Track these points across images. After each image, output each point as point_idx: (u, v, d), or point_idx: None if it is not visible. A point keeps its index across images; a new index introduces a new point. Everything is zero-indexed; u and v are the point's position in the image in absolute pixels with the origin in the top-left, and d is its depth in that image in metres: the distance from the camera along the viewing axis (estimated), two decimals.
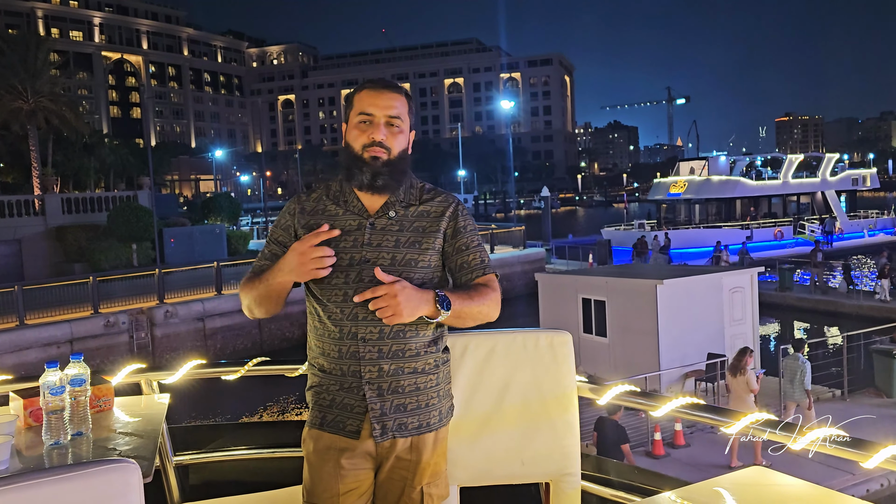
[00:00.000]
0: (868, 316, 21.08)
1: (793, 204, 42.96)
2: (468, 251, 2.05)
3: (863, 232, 41.48)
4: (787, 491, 1.63)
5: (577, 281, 16.52)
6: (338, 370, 2.00)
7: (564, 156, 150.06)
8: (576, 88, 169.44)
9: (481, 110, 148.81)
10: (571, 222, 72.61)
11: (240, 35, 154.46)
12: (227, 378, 2.56)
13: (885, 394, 13.33)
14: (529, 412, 2.11)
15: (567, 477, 2.11)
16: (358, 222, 2.02)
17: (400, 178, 2.04)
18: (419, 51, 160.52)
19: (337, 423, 2.00)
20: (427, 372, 2.01)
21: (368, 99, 2.02)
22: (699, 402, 1.92)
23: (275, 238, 2.12)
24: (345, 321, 1.98)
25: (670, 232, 36.77)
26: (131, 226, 28.93)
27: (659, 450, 11.20)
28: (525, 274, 29.18)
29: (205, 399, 12.17)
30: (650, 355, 14.19)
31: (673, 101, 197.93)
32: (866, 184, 45.64)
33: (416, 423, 1.99)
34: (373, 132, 2.00)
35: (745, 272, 16.07)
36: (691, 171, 43.19)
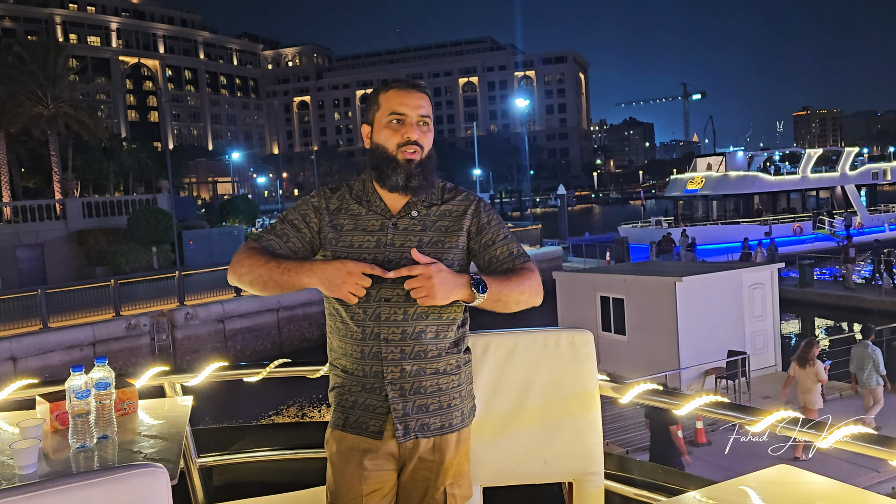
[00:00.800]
0: (892, 311, 20.80)
1: (812, 199, 42.50)
2: (495, 246, 2.05)
3: (884, 226, 40.92)
4: (813, 489, 1.62)
5: (596, 279, 16.45)
6: (360, 371, 2.00)
7: (580, 153, 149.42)
8: (591, 85, 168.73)
9: (496, 109, 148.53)
10: (588, 220, 72.29)
11: (255, 38, 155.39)
12: (248, 380, 2.58)
13: None
14: (551, 411, 2.11)
15: (590, 476, 2.10)
16: (381, 222, 2.02)
17: (431, 178, 2.05)
18: (433, 50, 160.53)
19: (360, 424, 2.01)
20: (449, 373, 2.01)
21: (398, 98, 2.01)
22: (723, 401, 1.90)
23: (290, 219, 2.09)
24: (367, 322, 1.97)
25: (691, 229, 36.51)
26: (151, 229, 29.21)
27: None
28: (542, 272, 28.96)
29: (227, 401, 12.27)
30: (670, 353, 14.09)
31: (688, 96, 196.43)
32: (887, 177, 45.03)
33: (438, 424, 1.99)
34: (407, 132, 2.00)
35: (765, 268, 15.92)
36: (708, 168, 42.83)
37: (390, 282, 1.95)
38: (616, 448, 11.36)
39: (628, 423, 12.13)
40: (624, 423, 12.14)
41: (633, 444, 11.54)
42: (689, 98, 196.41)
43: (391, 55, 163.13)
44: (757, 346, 14.65)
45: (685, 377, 13.76)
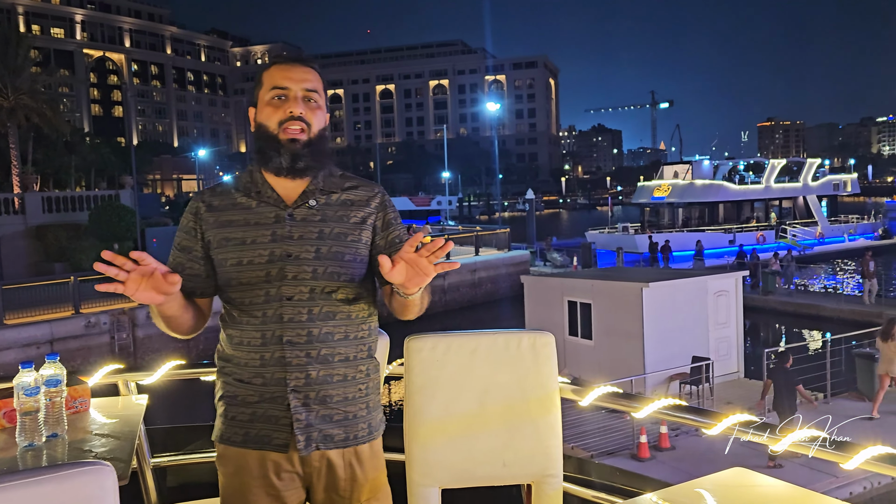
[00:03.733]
0: (850, 319, 21.30)
1: (775, 208, 43.36)
2: (402, 244, 1.90)
3: (843, 237, 41.94)
4: (767, 492, 1.64)
5: (563, 283, 16.56)
6: (259, 379, 1.84)
7: (549, 158, 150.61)
8: (560, 91, 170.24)
9: (466, 112, 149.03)
10: (556, 225, 72.84)
11: (223, 34, 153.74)
12: (206, 379, 2.53)
13: (867, 397, 13.45)
14: (512, 413, 2.10)
15: (549, 478, 2.09)
16: (275, 214, 1.85)
17: (321, 160, 1.87)
18: (404, 52, 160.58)
19: (262, 438, 1.84)
20: (357, 381, 1.89)
21: (281, 72, 1.86)
22: (681, 404, 1.92)
23: (178, 244, 1.93)
24: (268, 324, 1.82)
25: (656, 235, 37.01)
26: (113, 225, 28.71)
27: (644, 452, 11.24)
28: (510, 276, 29.23)
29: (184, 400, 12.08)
30: (635, 358, 14.24)
31: (656, 104, 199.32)
32: (847, 189, 46.19)
33: (342, 435, 1.86)
34: (290, 106, 1.83)
35: (729, 276, 16.20)
36: (675, 175, 43.50)
37: (291, 278, 1.81)
38: (581, 452, 11.43)
39: (593, 427, 12.23)
40: (588, 427, 12.24)
41: (597, 448, 11.64)
42: (657, 106, 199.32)
43: (362, 55, 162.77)
44: (721, 353, 14.88)
45: (650, 382, 13.92)
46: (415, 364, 2.11)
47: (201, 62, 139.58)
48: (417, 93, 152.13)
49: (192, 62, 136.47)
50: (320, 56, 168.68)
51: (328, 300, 1.84)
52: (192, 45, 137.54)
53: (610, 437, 11.99)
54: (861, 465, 1.51)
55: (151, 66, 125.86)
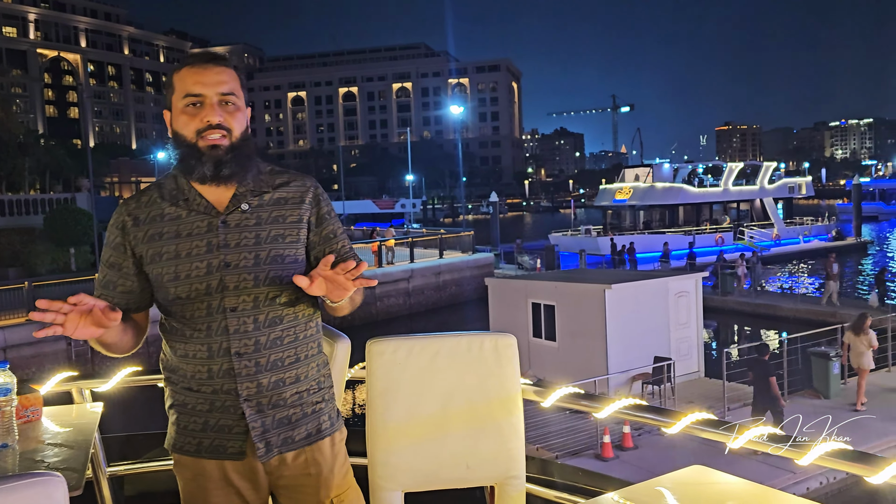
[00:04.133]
0: (805, 319, 21.81)
1: (733, 210, 44.25)
2: (336, 239, 1.88)
3: (798, 238, 42.98)
4: (725, 489, 1.66)
5: (527, 286, 16.66)
6: (209, 388, 1.78)
7: (512, 161, 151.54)
8: (523, 95, 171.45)
9: (430, 115, 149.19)
10: (519, 227, 73.29)
11: (183, 35, 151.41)
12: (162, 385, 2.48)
13: (823, 395, 13.79)
14: (474, 415, 2.10)
15: (512, 480, 2.09)
16: (207, 222, 1.76)
17: (247, 163, 1.78)
18: (367, 54, 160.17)
19: (216, 448, 1.79)
20: (310, 378, 1.86)
21: (193, 77, 1.74)
22: (641, 403, 1.94)
23: (106, 261, 1.83)
24: (213, 337, 1.75)
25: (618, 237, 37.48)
26: (69, 229, 28.05)
27: (608, 452, 11.36)
28: (474, 279, 29.31)
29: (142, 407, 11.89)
30: (598, 359, 14.39)
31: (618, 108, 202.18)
32: (802, 192, 47.35)
33: (303, 434, 1.83)
34: (206, 115, 1.73)
35: (689, 277, 16.48)
36: (636, 178, 44.13)
37: (233, 288, 1.74)
38: (545, 453, 11.50)
39: (558, 428, 12.31)
40: (553, 428, 12.32)
41: (561, 449, 11.72)
42: (619, 110, 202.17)
43: (324, 57, 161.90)
44: (681, 353, 15.12)
45: (613, 382, 14.07)
46: (376, 367, 2.09)
47: (160, 63, 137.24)
48: (381, 95, 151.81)
49: (151, 63, 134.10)
50: (282, 58, 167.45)
51: (273, 305, 1.79)
52: (150, 46, 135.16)
53: (574, 438, 12.09)
54: (815, 461, 1.55)
55: (108, 66, 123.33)
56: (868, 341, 13.35)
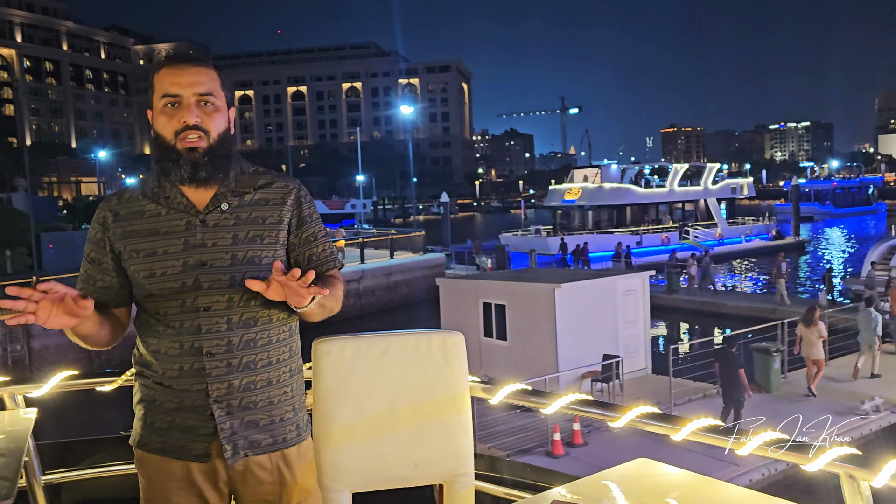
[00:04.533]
0: (747, 316, 22.44)
1: (678, 211, 45.29)
2: (316, 242, 1.88)
3: (741, 238, 44.24)
4: (668, 480, 1.70)
5: (478, 285, 16.74)
6: (179, 386, 1.78)
7: (462, 162, 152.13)
8: (473, 96, 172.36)
9: (380, 115, 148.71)
10: (470, 228, 73.61)
11: (125, 31, 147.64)
12: (102, 389, 2.40)
13: (764, 389, 14.21)
14: (423, 414, 2.09)
15: (460, 477, 2.09)
16: (186, 221, 1.76)
17: (225, 164, 1.77)
18: (316, 53, 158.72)
19: (180, 448, 1.79)
20: (282, 383, 1.85)
21: (170, 77, 1.73)
22: (588, 399, 1.96)
23: (87, 255, 1.83)
24: (185, 336, 1.75)
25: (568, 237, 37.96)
26: (4, 230, 27.05)
27: (558, 449, 11.49)
28: (425, 279, 29.31)
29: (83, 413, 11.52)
30: (549, 357, 14.55)
31: (566, 110, 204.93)
32: (743, 192, 48.76)
33: (269, 440, 1.82)
34: (183, 115, 1.72)
35: (637, 276, 16.78)
36: (585, 179, 44.78)
37: (207, 287, 1.74)
38: (497, 452, 11.56)
39: (508, 427, 12.40)
40: (504, 427, 12.40)
41: (513, 447, 11.81)
42: (567, 112, 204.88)
43: (272, 56, 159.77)
44: (630, 350, 15.39)
45: (563, 380, 14.23)
46: (323, 367, 2.06)
47: (101, 59, 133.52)
48: (330, 95, 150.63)
49: (91, 59, 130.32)
50: (229, 56, 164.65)
51: (247, 307, 1.78)
52: (90, 42, 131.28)
53: (525, 436, 12.20)
54: (754, 451, 1.59)
55: (46, 62, 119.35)
56: (818, 332, 13.99)
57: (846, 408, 13.15)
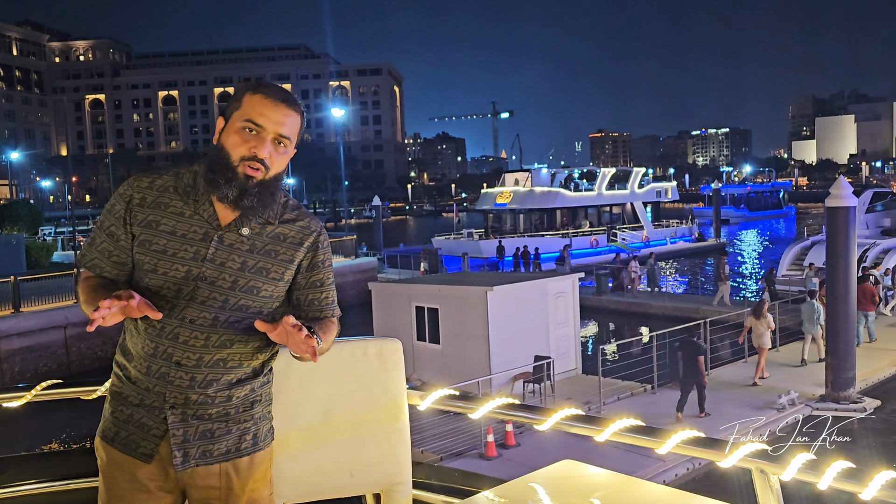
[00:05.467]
0: (672, 315, 23.19)
1: (606, 214, 46.42)
2: (322, 288, 1.91)
3: (666, 240, 45.67)
4: (592, 481, 1.76)
5: (411, 289, 16.75)
6: (143, 384, 1.80)
7: (395, 165, 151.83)
8: (405, 99, 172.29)
9: (310, 118, 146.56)
10: (402, 231, 73.53)
11: (39, 26, 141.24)
12: (9, 405, 2.30)
13: None
14: (359, 422, 2.08)
15: (398, 486, 2.09)
16: (204, 231, 1.77)
17: (268, 201, 1.80)
18: (244, 54, 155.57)
19: (129, 443, 1.81)
20: (241, 399, 1.85)
21: (261, 107, 1.75)
22: (514, 402, 2.00)
23: (106, 228, 1.82)
24: (162, 339, 1.77)
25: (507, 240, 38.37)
26: None
27: (491, 451, 11.59)
28: (357, 283, 29.10)
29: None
30: (482, 360, 14.67)
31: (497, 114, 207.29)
32: (668, 196, 50.36)
33: (223, 449, 1.83)
34: (257, 146, 1.74)
35: (567, 278, 17.12)
36: (516, 183, 45.42)
37: (200, 302, 1.76)
38: (430, 455, 11.59)
39: (442, 429, 12.44)
40: (438, 430, 12.44)
41: (446, 450, 11.86)
42: (498, 116, 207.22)
43: (198, 56, 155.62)
44: (560, 351, 15.68)
45: (496, 382, 14.39)
46: None
47: (13, 56, 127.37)
48: None
49: (2, 56, 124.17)
50: (152, 55, 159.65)
51: (228, 330, 1.79)
52: (1, 38, 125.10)
53: (459, 439, 12.27)
54: (672, 449, 1.66)
55: None
56: (767, 323, 15.24)
57: (764, 402, 13.76)
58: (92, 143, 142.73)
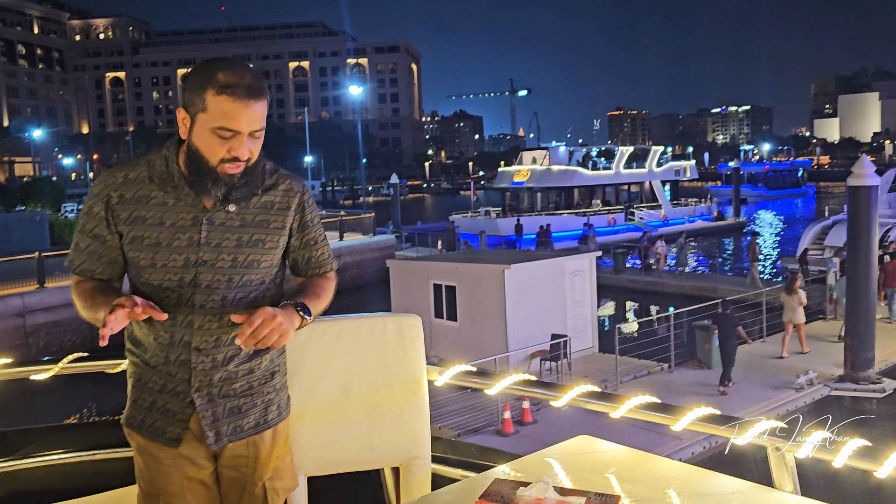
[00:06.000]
0: (689, 295, 23.07)
1: (624, 192, 46.07)
2: (316, 246, 1.94)
3: (684, 219, 45.29)
4: (608, 456, 1.78)
5: (429, 267, 16.79)
6: (164, 371, 1.82)
7: (412, 143, 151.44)
8: (423, 77, 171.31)
9: (328, 95, 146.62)
10: (420, 209, 73.50)
11: (60, 4, 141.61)
12: (37, 377, 2.35)
13: (706, 365, 14.67)
14: (378, 397, 2.11)
15: (417, 460, 2.11)
16: (193, 216, 1.75)
17: (256, 180, 1.79)
18: (262, 31, 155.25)
19: (156, 429, 1.83)
20: (262, 369, 1.89)
21: (232, 111, 1.67)
22: (530, 379, 2.02)
23: (89, 231, 1.80)
24: (177, 328, 1.77)
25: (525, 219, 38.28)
26: None
27: (508, 428, 11.67)
28: (375, 261, 29.21)
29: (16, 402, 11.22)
30: (499, 338, 14.72)
31: (515, 92, 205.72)
32: (686, 174, 49.85)
33: (252, 423, 1.87)
34: (236, 149, 1.70)
35: (584, 256, 17.07)
36: (533, 161, 45.15)
37: (205, 286, 1.76)
38: (448, 431, 11.70)
39: (460, 406, 12.54)
40: (456, 406, 12.54)
41: (464, 426, 11.96)
42: (516, 94, 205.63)
43: (216, 34, 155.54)
44: (577, 330, 15.68)
45: (512, 360, 14.43)
46: None
47: (34, 34, 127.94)
48: (277, 74, 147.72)
49: (23, 34, 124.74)
50: (170, 33, 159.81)
51: (239, 307, 1.80)
52: (22, 16, 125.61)
53: (477, 415, 12.36)
54: (688, 426, 1.68)
55: None
56: (799, 299, 15.28)
57: (783, 381, 13.71)
58: (113, 121, 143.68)
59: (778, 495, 1.58)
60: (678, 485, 1.64)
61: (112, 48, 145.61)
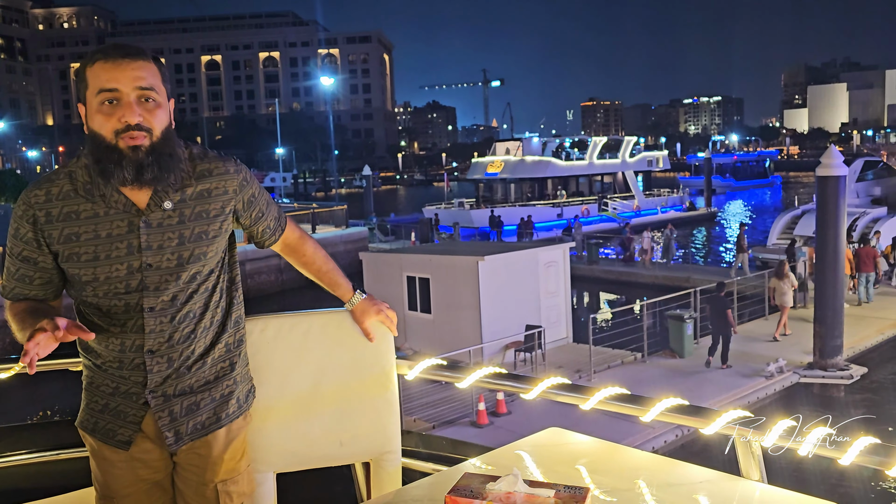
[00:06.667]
0: (662, 285, 23.33)
1: (597, 183, 46.40)
2: (267, 215, 1.93)
3: (657, 209, 45.75)
4: (577, 448, 1.79)
5: (402, 259, 16.77)
6: (117, 375, 1.77)
7: (385, 134, 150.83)
8: (395, 67, 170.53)
9: (299, 86, 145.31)
10: (393, 201, 73.31)
11: None
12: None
13: (678, 354, 14.85)
14: (348, 392, 2.09)
15: (388, 455, 2.10)
16: (128, 222, 1.67)
17: (171, 163, 1.67)
18: (231, 21, 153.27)
19: (107, 432, 1.78)
20: (219, 359, 1.85)
21: (106, 73, 1.61)
22: (501, 371, 2.02)
23: (17, 254, 1.72)
24: (128, 334, 1.73)
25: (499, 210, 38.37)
26: None
27: (482, 419, 11.72)
28: (348, 253, 29.07)
29: None
30: (473, 329, 14.76)
31: (488, 83, 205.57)
32: (659, 165, 50.36)
33: (213, 419, 1.83)
34: (124, 114, 1.61)
35: (557, 247, 17.16)
36: (507, 152, 45.27)
37: (153, 289, 1.71)
38: (422, 423, 11.72)
39: (435, 398, 12.56)
40: (431, 398, 12.56)
41: (438, 418, 11.98)
42: (489, 84, 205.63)
43: (184, 23, 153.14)
44: (551, 320, 15.78)
45: (487, 351, 14.49)
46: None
47: None
48: (247, 65, 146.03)
49: None
50: (137, 22, 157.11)
51: (190, 300, 1.77)
52: None
53: (451, 407, 12.40)
54: (657, 417, 1.69)
55: None
56: (790, 283, 16.16)
57: (752, 370, 13.94)
58: (78, 113, 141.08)
59: (745, 483, 1.59)
60: (647, 475, 1.65)
61: (77, 38, 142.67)
